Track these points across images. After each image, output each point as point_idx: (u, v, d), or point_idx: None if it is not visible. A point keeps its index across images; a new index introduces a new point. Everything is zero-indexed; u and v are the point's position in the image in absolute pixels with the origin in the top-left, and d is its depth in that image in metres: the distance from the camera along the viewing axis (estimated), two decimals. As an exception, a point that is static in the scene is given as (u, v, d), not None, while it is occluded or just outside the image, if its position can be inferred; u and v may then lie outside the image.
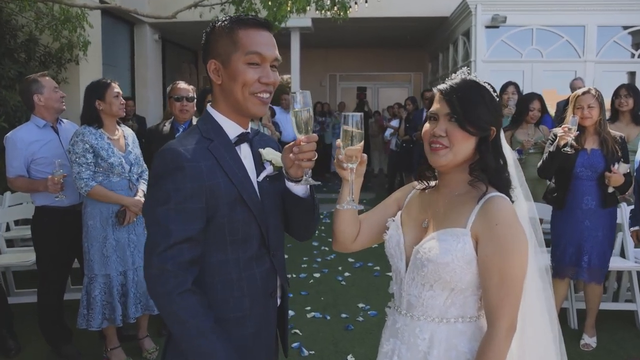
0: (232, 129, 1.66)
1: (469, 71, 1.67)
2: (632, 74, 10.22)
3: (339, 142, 1.56)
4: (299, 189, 1.64)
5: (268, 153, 1.71)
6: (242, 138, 1.67)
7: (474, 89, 1.60)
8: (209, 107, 1.70)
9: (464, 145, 1.58)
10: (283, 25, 7.51)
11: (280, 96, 10.40)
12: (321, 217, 8.64)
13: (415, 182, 1.79)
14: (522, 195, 1.70)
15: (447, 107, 1.58)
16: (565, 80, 10.00)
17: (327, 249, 6.65)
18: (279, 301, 1.77)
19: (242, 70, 1.57)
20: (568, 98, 6.53)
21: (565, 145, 3.69)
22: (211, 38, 1.64)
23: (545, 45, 9.87)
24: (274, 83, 1.61)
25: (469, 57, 10.15)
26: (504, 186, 1.60)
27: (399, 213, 1.75)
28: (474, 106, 1.57)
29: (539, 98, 4.97)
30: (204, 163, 1.55)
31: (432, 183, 1.74)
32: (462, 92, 1.58)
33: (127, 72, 11.38)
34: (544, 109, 5.01)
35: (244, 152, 1.69)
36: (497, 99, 1.65)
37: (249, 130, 1.71)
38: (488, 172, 1.60)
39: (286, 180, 1.64)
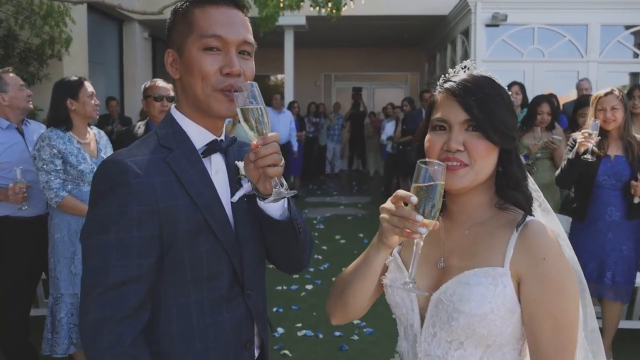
0: (200, 136, 1.33)
1: (473, 64, 1.32)
2: (634, 75, 9.96)
3: (412, 197, 1.12)
4: (273, 208, 1.31)
5: None
6: (212, 147, 1.33)
7: (492, 88, 1.25)
8: (172, 109, 1.36)
9: (488, 160, 1.23)
10: (276, 23, 7.21)
11: (273, 95, 10.07)
12: (314, 222, 8.30)
13: None
14: (539, 209, 1.36)
15: (464, 112, 1.22)
16: (567, 81, 9.73)
17: (320, 257, 6.31)
18: (256, 352, 1.43)
19: (196, 57, 1.25)
20: (575, 100, 6.28)
21: (585, 152, 3.36)
22: (170, 24, 1.32)
23: (546, 44, 9.57)
24: (240, 74, 1.27)
25: (468, 56, 9.84)
26: (529, 203, 1.27)
27: (395, 250, 1.37)
28: (497, 109, 1.22)
29: (549, 101, 4.65)
30: (158, 179, 1.22)
31: None
32: (481, 92, 1.22)
33: (115, 70, 11.05)
34: (554, 111, 4.69)
35: (216, 165, 1.35)
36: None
37: (222, 137, 1.37)
38: (519, 188, 1.26)
39: (258, 200, 1.30)
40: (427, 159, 1.16)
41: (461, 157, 1.21)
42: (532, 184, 1.35)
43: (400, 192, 1.15)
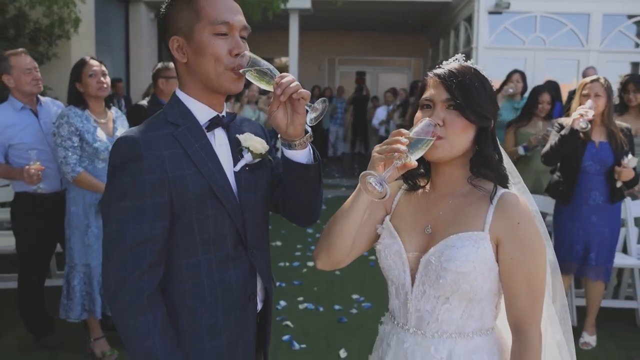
0: (203, 113, 1.49)
1: (464, 57, 1.53)
2: (635, 65, 10.05)
3: (402, 139, 1.33)
4: (301, 155, 1.46)
5: (246, 139, 1.55)
6: (215, 122, 1.50)
7: (475, 76, 1.46)
8: (177, 91, 1.53)
9: (463, 136, 1.43)
10: (282, 6, 7.32)
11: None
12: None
13: (401, 182, 1.59)
14: (515, 188, 1.55)
15: (446, 92, 1.43)
16: (567, 69, 9.84)
17: (321, 237, 6.49)
18: (260, 305, 1.61)
19: (209, 42, 1.41)
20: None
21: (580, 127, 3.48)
22: (169, 13, 1.46)
23: (548, 33, 9.68)
24: None
25: (471, 43, 9.95)
26: (503, 182, 1.47)
27: (386, 218, 1.57)
28: (476, 93, 1.43)
29: (550, 90, 4.80)
30: (166, 152, 1.39)
31: (422, 183, 1.57)
32: (463, 77, 1.43)
33: (121, 51, 11.11)
34: (553, 100, 4.83)
35: (219, 139, 1.52)
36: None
37: (223, 113, 1.54)
38: (490, 166, 1.45)
39: (285, 150, 1.46)
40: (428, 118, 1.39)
41: (439, 131, 1.40)
42: (511, 169, 1.55)
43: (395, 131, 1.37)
